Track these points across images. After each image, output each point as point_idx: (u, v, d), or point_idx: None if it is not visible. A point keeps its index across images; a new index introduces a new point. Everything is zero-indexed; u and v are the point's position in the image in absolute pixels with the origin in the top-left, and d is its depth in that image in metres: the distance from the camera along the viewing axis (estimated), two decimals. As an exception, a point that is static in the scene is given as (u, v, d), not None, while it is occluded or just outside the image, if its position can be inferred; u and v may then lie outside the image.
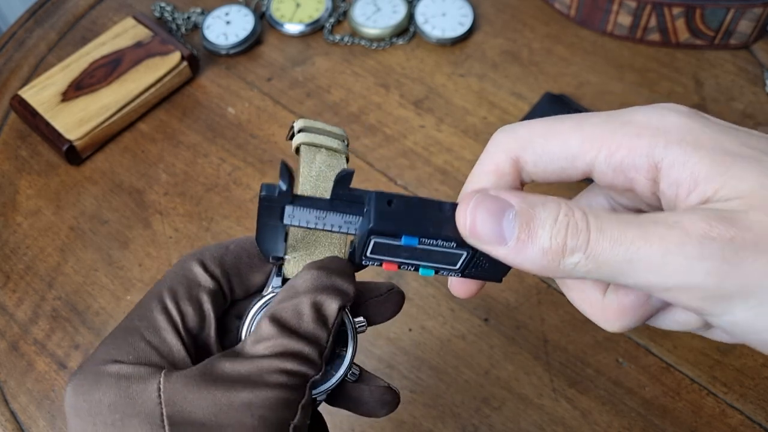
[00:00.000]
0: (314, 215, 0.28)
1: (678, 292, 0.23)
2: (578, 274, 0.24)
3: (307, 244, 0.32)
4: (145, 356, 0.28)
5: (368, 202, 0.27)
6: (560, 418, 0.52)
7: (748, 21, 0.68)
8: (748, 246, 0.22)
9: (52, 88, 0.69)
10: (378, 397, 0.33)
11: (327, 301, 0.29)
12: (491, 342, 0.56)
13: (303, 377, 0.28)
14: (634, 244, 0.23)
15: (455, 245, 0.27)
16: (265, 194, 0.28)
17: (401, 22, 0.74)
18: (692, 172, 0.24)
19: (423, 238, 0.27)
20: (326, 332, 0.29)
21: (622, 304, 0.27)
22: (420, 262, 0.28)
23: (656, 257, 0.22)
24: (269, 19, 0.76)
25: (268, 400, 0.26)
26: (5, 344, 0.58)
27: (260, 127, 0.69)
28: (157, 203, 0.65)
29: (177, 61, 0.70)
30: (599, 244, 0.23)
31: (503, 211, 0.25)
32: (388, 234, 0.27)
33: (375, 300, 0.33)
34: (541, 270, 0.24)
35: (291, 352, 0.28)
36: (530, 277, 0.58)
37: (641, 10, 0.69)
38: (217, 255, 0.31)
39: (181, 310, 0.29)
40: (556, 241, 0.24)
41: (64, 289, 0.60)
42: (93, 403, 0.26)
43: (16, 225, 0.64)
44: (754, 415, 0.51)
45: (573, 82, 0.70)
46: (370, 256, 0.28)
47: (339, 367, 0.32)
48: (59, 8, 0.80)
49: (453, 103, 0.69)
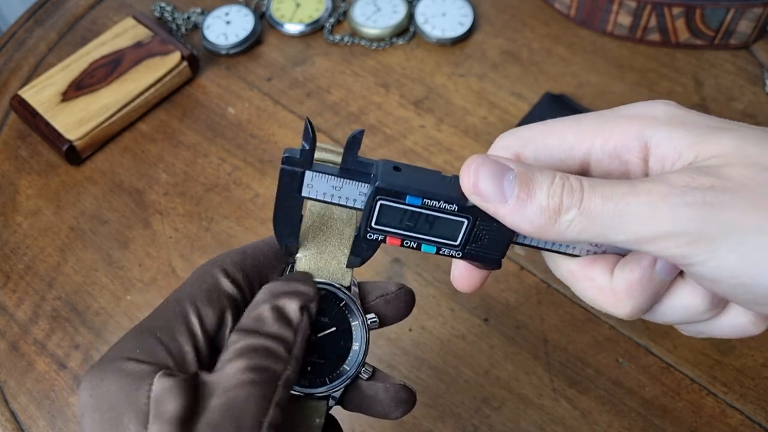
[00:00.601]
0: (331, 185, 0.29)
1: (665, 240, 0.24)
2: (572, 234, 0.26)
3: (317, 243, 0.32)
4: (154, 355, 0.28)
5: (375, 168, 0.28)
6: (560, 418, 0.52)
7: (748, 21, 0.68)
8: (728, 191, 0.24)
9: (52, 88, 0.69)
10: (393, 394, 0.33)
11: (287, 303, 0.29)
12: (491, 342, 0.56)
13: (271, 373, 0.28)
14: (623, 198, 0.25)
15: (456, 209, 0.28)
16: (288, 155, 0.28)
17: (401, 22, 0.74)
18: (676, 145, 0.26)
19: (426, 199, 0.28)
20: (291, 330, 0.29)
21: (630, 281, 0.28)
22: (422, 236, 0.29)
23: (644, 209, 0.24)
24: (269, 19, 0.76)
25: (237, 399, 0.26)
26: (5, 344, 0.58)
27: (260, 127, 0.69)
28: (157, 203, 0.65)
29: (177, 61, 0.70)
30: (592, 200, 0.25)
31: (504, 173, 0.26)
32: (393, 193, 0.28)
33: (383, 298, 0.33)
34: (538, 229, 0.26)
35: (254, 348, 0.28)
36: (530, 277, 0.58)
37: (641, 10, 0.69)
38: (238, 260, 0.32)
39: (200, 314, 0.30)
40: (553, 199, 0.25)
41: (64, 289, 0.60)
42: (97, 398, 0.27)
43: (16, 225, 0.64)
44: (754, 415, 0.51)
45: (573, 82, 0.70)
46: (375, 227, 0.29)
47: (352, 363, 0.32)
48: (59, 8, 0.80)
49: (453, 103, 0.69)
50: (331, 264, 0.32)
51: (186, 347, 0.29)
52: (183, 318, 0.29)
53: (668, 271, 0.28)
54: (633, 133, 0.27)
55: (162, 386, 0.26)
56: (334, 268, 0.32)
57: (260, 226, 0.62)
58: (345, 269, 0.32)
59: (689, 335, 0.30)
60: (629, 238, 0.25)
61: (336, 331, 0.32)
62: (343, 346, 0.32)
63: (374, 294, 0.34)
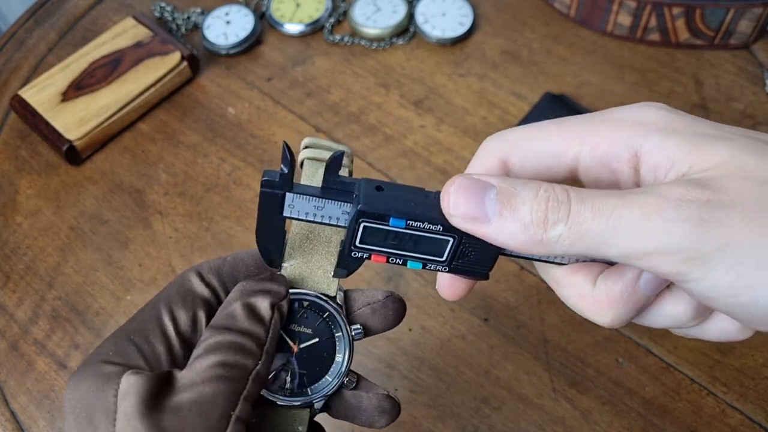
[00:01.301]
0: (312, 204, 0.29)
1: (658, 257, 0.23)
2: (561, 249, 0.25)
3: (303, 252, 0.32)
4: (126, 357, 0.29)
5: (357, 188, 0.28)
6: (560, 418, 0.52)
7: (748, 21, 0.68)
8: (725, 207, 0.23)
9: (52, 88, 0.69)
10: (376, 404, 0.33)
11: (258, 301, 0.30)
12: (491, 342, 0.56)
13: (241, 368, 0.28)
14: (615, 211, 0.24)
15: (441, 229, 0.28)
16: (266, 179, 0.28)
17: (401, 22, 0.74)
18: (668, 154, 0.25)
19: (410, 220, 0.28)
20: (262, 327, 0.29)
21: (612, 293, 0.27)
22: (408, 253, 0.29)
23: (636, 222, 0.23)
24: (269, 19, 0.76)
25: (205, 394, 0.26)
26: (5, 344, 0.58)
27: (260, 127, 0.69)
28: (157, 203, 0.65)
29: (177, 61, 0.70)
30: (581, 213, 0.24)
31: (485, 191, 0.26)
32: (376, 215, 0.28)
33: (370, 307, 0.33)
34: (525, 245, 0.25)
35: (225, 344, 0.28)
36: (530, 277, 0.58)
37: (641, 10, 0.69)
38: (214, 266, 0.32)
39: (174, 316, 0.30)
40: (537, 214, 0.25)
41: (64, 289, 0.60)
42: (73, 401, 0.27)
43: (16, 225, 0.64)
44: (754, 415, 0.51)
45: (573, 82, 0.70)
46: (359, 246, 0.29)
47: (334, 374, 0.32)
48: (59, 8, 0.80)
49: (453, 103, 0.69)
50: (316, 273, 0.32)
51: (159, 348, 0.29)
52: (157, 320, 0.30)
53: (653, 287, 0.27)
54: (623, 141, 0.26)
55: (127, 383, 0.27)
56: (320, 277, 0.32)
57: (260, 226, 0.62)
58: (331, 278, 0.32)
59: (681, 336, 0.30)
60: (621, 253, 0.24)
61: (319, 342, 0.32)
62: (326, 357, 0.32)
63: (360, 302, 0.33)
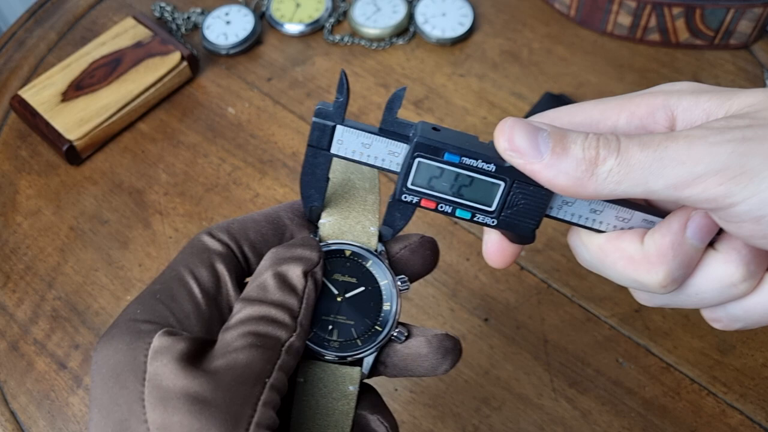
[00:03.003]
0: (361, 141, 0.29)
1: (706, 180, 0.24)
2: (610, 185, 0.25)
3: (340, 210, 0.32)
4: (155, 314, 0.28)
5: (414, 128, 0.29)
6: (560, 418, 0.52)
7: (748, 21, 0.68)
8: (766, 126, 0.24)
9: (52, 88, 0.69)
10: (437, 345, 0.31)
11: (290, 269, 0.29)
12: (491, 342, 0.56)
13: (274, 339, 0.27)
14: (661, 144, 0.25)
15: (494, 169, 0.28)
16: (320, 107, 0.29)
17: (401, 22, 0.74)
18: (703, 108, 0.27)
19: (464, 156, 0.28)
20: (295, 297, 0.28)
21: (661, 246, 0.27)
22: (458, 199, 0.29)
23: (682, 150, 0.24)
24: (269, 19, 0.76)
25: (239, 360, 0.26)
26: (5, 344, 0.58)
27: (260, 127, 0.69)
28: (157, 203, 0.65)
29: (177, 61, 0.70)
30: (629, 148, 0.25)
31: (537, 131, 0.27)
32: (432, 149, 0.28)
33: (408, 248, 0.33)
34: (575, 183, 0.26)
35: (257, 316, 0.28)
36: (530, 277, 0.58)
37: (641, 10, 0.69)
38: (223, 226, 0.32)
39: (195, 275, 0.29)
40: (589, 151, 0.26)
41: (64, 289, 0.60)
42: (103, 359, 0.27)
43: (16, 225, 0.64)
44: (754, 415, 0.51)
45: (573, 82, 0.70)
46: (411, 188, 0.29)
47: (384, 323, 0.31)
48: (59, 8, 0.80)
49: (453, 103, 0.69)
50: (355, 229, 0.32)
51: (186, 306, 0.29)
52: (179, 280, 0.29)
53: (700, 236, 0.27)
54: (659, 105, 0.28)
55: (161, 342, 0.26)
56: (359, 232, 0.32)
57: (260, 226, 0.62)
58: (371, 232, 0.32)
59: (724, 328, 0.30)
60: (669, 183, 0.25)
61: (364, 291, 0.31)
62: (373, 307, 0.31)
63: (397, 247, 0.33)
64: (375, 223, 0.32)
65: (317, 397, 0.31)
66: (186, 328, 0.28)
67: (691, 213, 0.27)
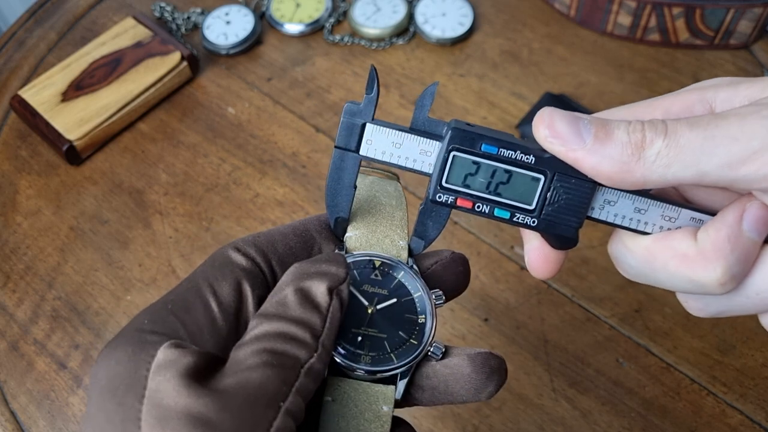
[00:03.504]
0: (392, 140, 0.28)
1: (763, 155, 0.23)
2: (659, 168, 0.24)
3: (367, 224, 0.31)
4: (164, 325, 0.26)
5: (447, 126, 0.28)
6: (560, 418, 0.52)
7: (748, 21, 0.68)
8: None
9: (52, 88, 0.69)
10: (481, 363, 0.28)
11: (314, 285, 0.26)
12: (491, 342, 0.56)
13: (292, 358, 0.25)
14: (711, 122, 0.24)
15: (534, 161, 0.27)
16: (350, 104, 0.28)
17: (401, 22, 0.74)
18: (745, 95, 0.26)
19: (502, 148, 0.27)
20: (318, 315, 0.26)
21: (717, 240, 0.26)
22: (496, 198, 0.28)
23: (735, 126, 0.23)
24: (269, 19, 0.76)
25: (252, 379, 0.24)
26: (5, 344, 0.58)
27: (260, 127, 0.69)
28: (157, 203, 0.65)
29: (177, 61, 0.70)
30: (677, 129, 0.24)
31: (578, 118, 0.26)
32: (468, 141, 0.27)
33: (441, 264, 0.31)
34: (621, 168, 0.25)
35: (274, 333, 0.25)
36: (530, 277, 0.58)
37: (641, 10, 0.69)
38: (249, 239, 0.30)
39: (214, 289, 0.27)
40: (635, 135, 0.24)
41: (64, 289, 0.60)
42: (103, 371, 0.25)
43: (16, 225, 0.64)
44: (754, 415, 0.51)
45: (573, 82, 0.70)
46: (446, 186, 0.28)
47: (420, 337, 0.29)
48: (59, 8, 0.80)
49: (453, 103, 0.69)
50: (384, 242, 0.30)
51: (201, 318, 0.26)
52: (196, 292, 0.27)
53: (757, 227, 0.26)
54: (694, 100, 0.27)
55: (166, 355, 0.24)
56: (388, 245, 0.30)
57: (260, 227, 0.62)
58: (400, 246, 0.30)
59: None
60: (723, 162, 0.23)
61: (396, 303, 0.29)
62: (407, 319, 0.29)
63: (428, 262, 0.31)
64: (404, 237, 0.31)
65: (347, 419, 0.28)
66: (197, 343, 0.26)
67: (746, 204, 0.26)
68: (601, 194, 0.28)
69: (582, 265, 0.58)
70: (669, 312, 0.56)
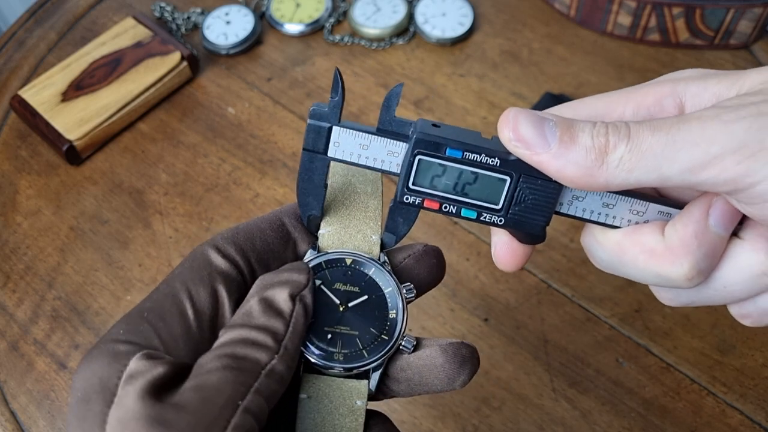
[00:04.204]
0: (358, 142, 0.28)
1: (723, 160, 0.23)
2: (622, 173, 0.24)
3: (341, 218, 0.31)
4: (142, 337, 0.26)
5: (413, 126, 0.28)
6: (560, 418, 0.52)
7: (748, 21, 0.68)
8: None
9: (52, 88, 0.69)
10: (453, 353, 0.29)
11: (276, 293, 0.27)
12: (491, 342, 0.56)
13: (252, 361, 0.25)
14: (673, 127, 0.24)
15: (499, 163, 0.27)
16: (315, 108, 0.28)
17: (401, 22, 0.74)
18: (713, 92, 0.26)
19: (467, 151, 0.27)
20: (281, 320, 0.27)
21: (684, 236, 0.26)
22: (462, 198, 0.28)
23: (696, 131, 0.23)
24: (269, 19, 0.76)
25: (210, 381, 0.25)
26: (5, 344, 0.58)
27: (260, 127, 0.69)
28: (157, 203, 0.65)
29: (177, 61, 0.70)
30: (640, 133, 0.24)
31: (543, 121, 0.25)
32: (432, 145, 0.27)
33: (413, 257, 0.31)
34: (584, 173, 0.25)
35: (237, 339, 0.26)
36: (530, 277, 0.58)
37: (641, 10, 0.69)
38: (229, 235, 0.30)
39: (191, 295, 0.28)
40: (598, 139, 0.24)
41: (64, 289, 0.60)
42: (80, 380, 0.26)
43: (16, 225, 0.64)
44: (754, 415, 0.51)
45: (573, 82, 0.70)
46: (413, 188, 0.28)
47: (390, 332, 0.29)
48: (59, 8, 0.80)
49: (453, 103, 0.69)
50: (356, 238, 0.31)
51: (176, 327, 0.27)
52: (172, 299, 0.28)
53: (723, 223, 0.26)
54: (666, 93, 0.27)
55: (137, 365, 0.25)
56: (360, 242, 0.31)
57: (260, 226, 0.62)
58: (372, 241, 0.31)
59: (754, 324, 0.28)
60: (684, 167, 0.24)
61: (368, 300, 0.30)
62: (378, 316, 0.30)
63: (401, 256, 0.31)
64: (377, 231, 0.31)
65: (323, 414, 0.29)
66: (171, 352, 0.26)
67: (712, 200, 0.26)
68: (569, 190, 0.28)
69: (582, 265, 0.58)
70: (669, 312, 0.56)
